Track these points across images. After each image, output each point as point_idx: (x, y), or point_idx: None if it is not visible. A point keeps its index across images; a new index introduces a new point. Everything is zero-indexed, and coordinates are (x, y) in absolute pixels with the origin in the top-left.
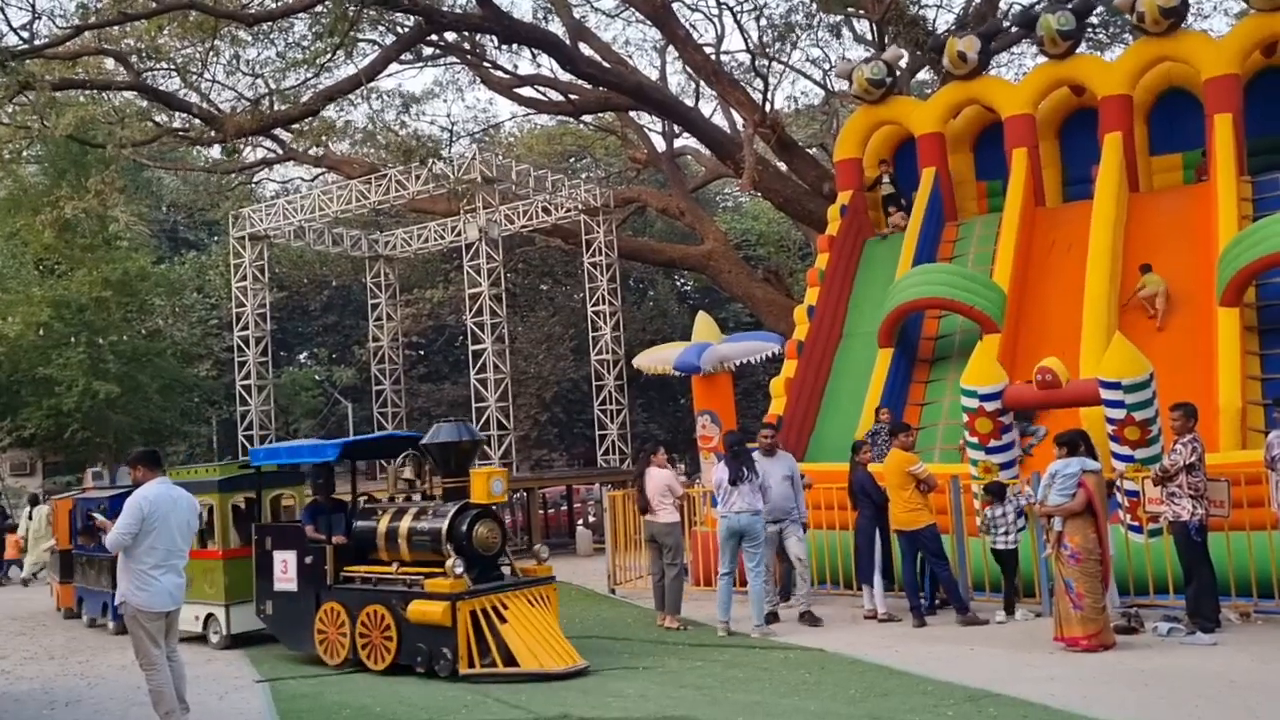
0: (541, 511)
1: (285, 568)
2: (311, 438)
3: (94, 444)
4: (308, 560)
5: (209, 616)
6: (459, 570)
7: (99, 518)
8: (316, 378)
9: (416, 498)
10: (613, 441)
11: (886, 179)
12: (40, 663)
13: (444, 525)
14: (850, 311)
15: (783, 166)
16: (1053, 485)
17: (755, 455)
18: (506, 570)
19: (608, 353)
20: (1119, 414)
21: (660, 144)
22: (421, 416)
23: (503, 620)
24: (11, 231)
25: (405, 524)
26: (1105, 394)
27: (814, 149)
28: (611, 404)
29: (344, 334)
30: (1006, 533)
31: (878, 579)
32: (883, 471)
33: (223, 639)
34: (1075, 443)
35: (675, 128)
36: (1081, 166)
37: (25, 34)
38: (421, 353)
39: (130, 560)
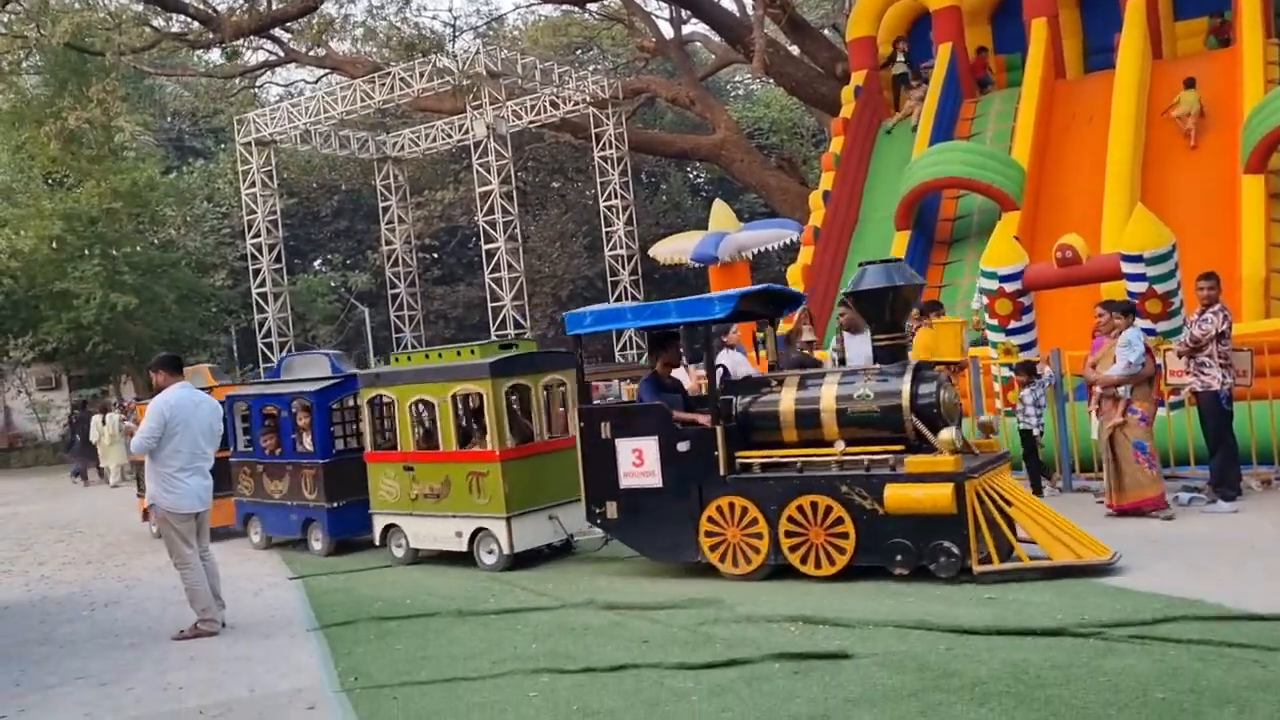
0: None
1: (640, 459)
2: (328, 345)
3: (116, 356)
4: (681, 448)
5: (479, 533)
6: (957, 443)
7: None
8: (332, 284)
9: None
10: (630, 337)
11: (901, 57)
12: (78, 567)
13: (904, 390)
14: (866, 195)
15: (795, 49)
16: (1123, 353)
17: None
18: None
19: (621, 248)
20: (1140, 287)
21: (668, 31)
22: (438, 319)
23: (1008, 503)
24: (17, 145)
25: (828, 394)
26: (1127, 267)
27: (827, 29)
28: (627, 299)
29: (357, 239)
30: (1037, 414)
31: None
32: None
33: (502, 559)
34: (1132, 309)
35: (683, 13)
36: (1103, 35)
37: None
38: (435, 255)
39: (156, 464)
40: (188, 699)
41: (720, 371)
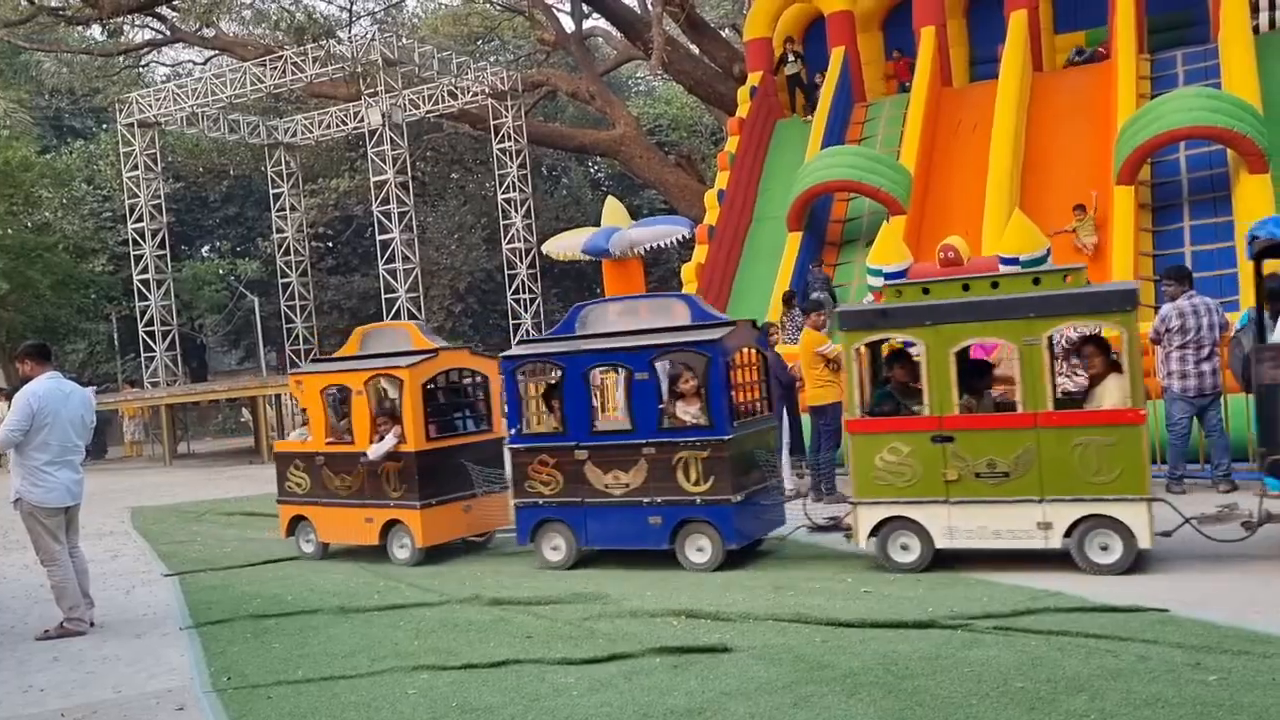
0: None
1: None
2: (216, 333)
3: None
4: None
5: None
6: None
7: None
8: (220, 271)
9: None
10: (527, 330)
11: (792, 58)
12: None
13: None
14: (760, 195)
15: (694, 48)
16: None
17: None
18: None
19: (520, 241)
20: None
21: (569, 25)
22: (331, 309)
23: None
24: None
25: None
26: (1004, 269)
27: (725, 30)
28: (525, 293)
29: (247, 226)
30: None
31: (785, 456)
32: (796, 352)
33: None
34: None
35: (584, 7)
36: (988, 45)
37: None
38: (330, 245)
39: (23, 458)
40: (49, 701)
41: None
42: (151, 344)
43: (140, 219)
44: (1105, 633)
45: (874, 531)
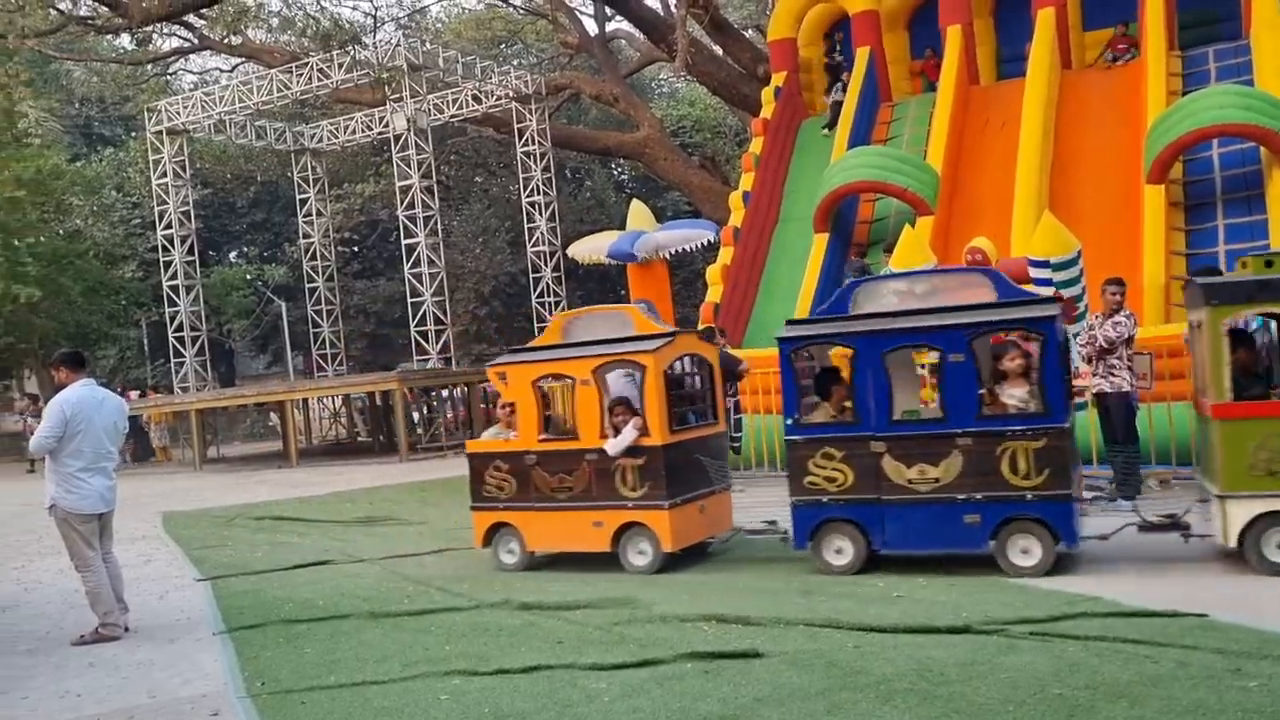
0: (483, 405)
1: None
2: (244, 338)
3: (18, 350)
4: None
5: None
6: None
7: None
8: (247, 277)
9: None
10: None
11: (838, 48)
12: None
13: None
14: (786, 196)
15: (717, 50)
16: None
17: None
18: None
19: (544, 244)
20: (1047, 291)
21: (592, 28)
22: (357, 314)
23: None
24: None
25: None
26: (1034, 272)
27: (749, 30)
28: (550, 296)
29: (274, 231)
30: None
31: None
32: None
33: None
34: None
35: (607, 10)
36: (1016, 43)
37: None
38: (355, 249)
39: (57, 464)
40: (86, 706)
41: None
42: (181, 349)
43: (169, 225)
44: (1144, 638)
45: (1245, 530)
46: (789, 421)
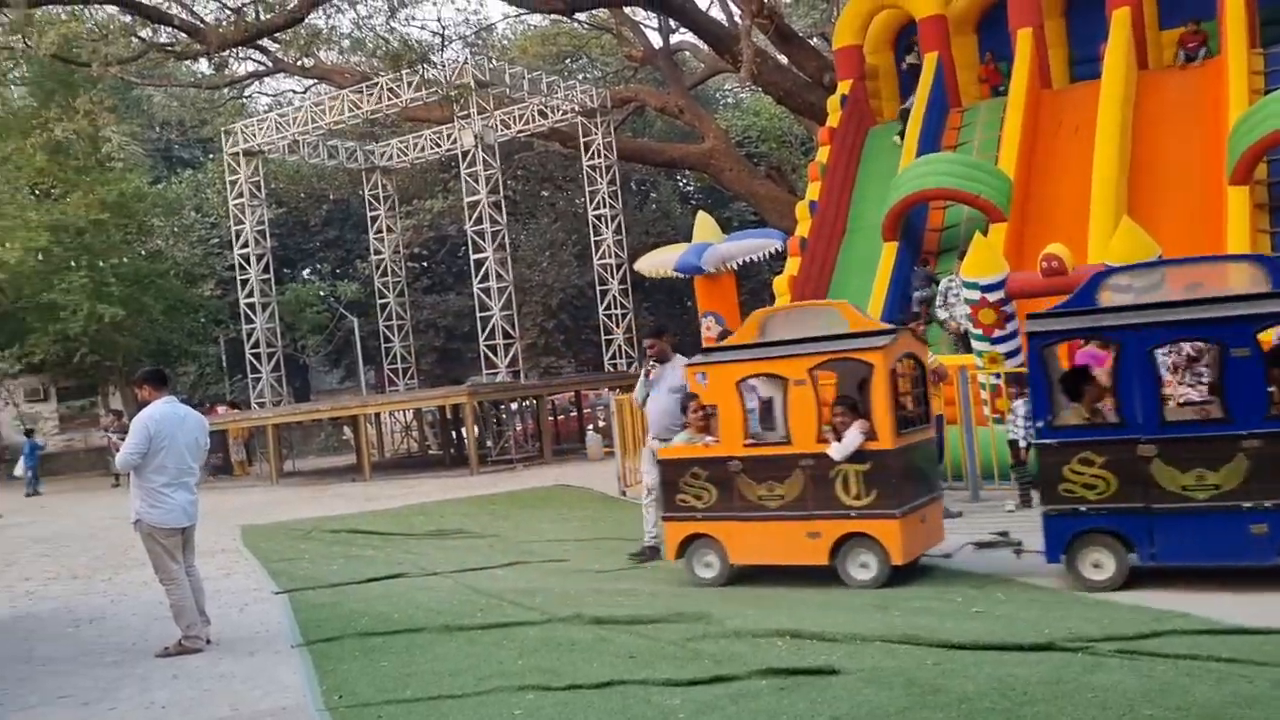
0: (551, 418)
1: None
2: (318, 354)
3: (103, 367)
4: None
5: None
6: None
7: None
8: (320, 293)
9: None
10: (619, 346)
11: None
12: (63, 582)
13: None
14: (854, 205)
15: (783, 59)
16: None
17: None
18: None
19: (610, 257)
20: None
21: (657, 40)
22: (427, 328)
23: None
24: (4, 156)
25: None
26: None
27: (814, 39)
28: (616, 308)
29: (345, 248)
30: (1028, 425)
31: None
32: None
33: None
34: None
35: (671, 23)
36: (1089, 45)
37: None
38: (424, 264)
39: (141, 480)
40: (170, 718)
41: None
42: (258, 365)
43: (245, 244)
44: (1238, 656)
45: None
46: (1039, 424)
